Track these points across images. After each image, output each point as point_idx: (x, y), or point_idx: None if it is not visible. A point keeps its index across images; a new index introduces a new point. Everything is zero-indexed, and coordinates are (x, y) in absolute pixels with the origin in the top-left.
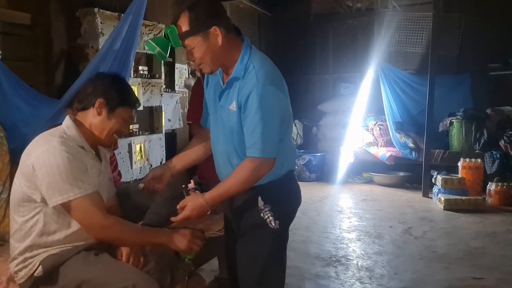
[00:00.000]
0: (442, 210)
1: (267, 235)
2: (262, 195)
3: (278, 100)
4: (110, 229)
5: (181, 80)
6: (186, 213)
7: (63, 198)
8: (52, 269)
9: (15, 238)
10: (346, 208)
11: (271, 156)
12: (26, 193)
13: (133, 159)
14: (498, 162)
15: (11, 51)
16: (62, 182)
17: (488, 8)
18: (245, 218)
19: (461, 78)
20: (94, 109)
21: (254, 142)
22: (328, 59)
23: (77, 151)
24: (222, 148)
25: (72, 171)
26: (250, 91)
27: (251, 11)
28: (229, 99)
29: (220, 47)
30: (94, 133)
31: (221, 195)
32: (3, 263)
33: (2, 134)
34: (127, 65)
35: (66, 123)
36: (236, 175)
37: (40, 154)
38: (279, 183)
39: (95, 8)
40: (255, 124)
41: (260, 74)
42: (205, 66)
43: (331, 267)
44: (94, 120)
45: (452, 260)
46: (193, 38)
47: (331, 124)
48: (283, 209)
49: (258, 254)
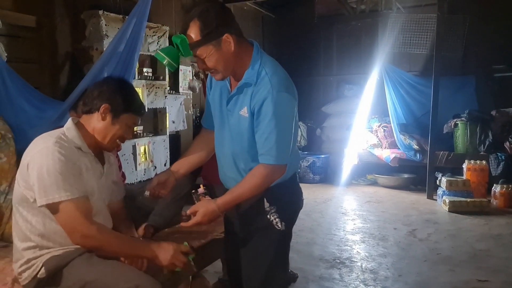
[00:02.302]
0: (447, 212)
1: (273, 237)
2: (268, 197)
3: (292, 107)
4: (91, 238)
5: (185, 82)
6: (198, 219)
7: (48, 199)
8: (55, 270)
9: (18, 239)
10: (350, 210)
11: (284, 163)
12: (23, 192)
13: (138, 160)
14: (503, 164)
15: (16, 53)
16: (50, 184)
17: (493, 10)
18: (252, 220)
19: (465, 79)
20: (99, 114)
21: (269, 150)
22: (332, 61)
23: (72, 153)
24: (228, 151)
25: (62, 173)
26: (265, 97)
27: (255, 13)
28: (239, 104)
29: (232, 54)
30: (96, 137)
31: (233, 200)
32: (8, 264)
33: (10, 135)
34: (131, 67)
35: (67, 124)
36: (249, 181)
37: (34, 154)
38: (284, 185)
39: (99, 11)
40: (269, 131)
41: (274, 80)
42: (217, 73)
43: (335, 269)
44: (98, 125)
45: (457, 262)
46: (205, 47)
47: (335, 125)
48: (288, 210)
49: (264, 255)
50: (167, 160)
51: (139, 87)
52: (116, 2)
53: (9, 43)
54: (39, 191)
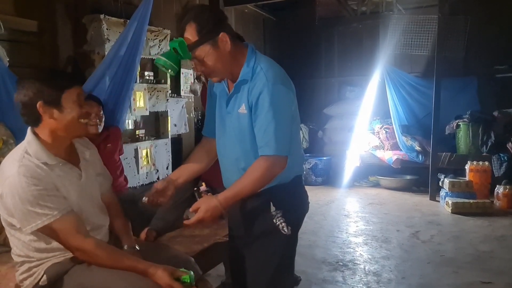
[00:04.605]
0: (450, 213)
1: (279, 241)
2: (273, 201)
3: (288, 99)
4: (86, 253)
5: (187, 85)
6: (200, 215)
7: (32, 227)
8: (56, 277)
9: (15, 253)
10: (353, 212)
11: (284, 154)
12: (7, 220)
13: (140, 164)
14: (506, 165)
15: (18, 58)
16: (28, 212)
17: (494, 10)
18: (257, 224)
19: (467, 80)
20: (44, 117)
21: (268, 141)
22: (334, 63)
23: (39, 172)
24: (230, 154)
25: (36, 198)
26: (261, 90)
27: (256, 16)
28: (237, 103)
29: (228, 54)
30: (61, 136)
31: (235, 195)
32: (10, 270)
33: (12, 140)
34: (132, 71)
35: (27, 137)
36: (250, 174)
37: (5, 185)
38: (288, 188)
39: (101, 15)
40: (267, 123)
41: (269, 74)
42: (216, 74)
43: (338, 271)
44: (53, 126)
45: (461, 264)
46: (202, 47)
47: (337, 127)
48: (294, 214)
49: (269, 259)
50: (169, 164)
51: (141, 90)
52: (117, 6)
53: (11, 48)
54: (21, 220)
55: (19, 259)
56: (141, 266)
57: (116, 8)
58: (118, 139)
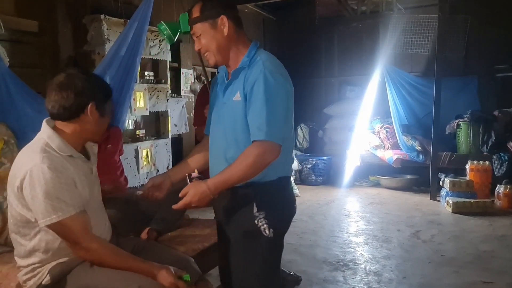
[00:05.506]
0: (450, 213)
1: (261, 244)
2: (256, 201)
3: (283, 88)
4: (92, 253)
5: (187, 85)
6: (188, 199)
7: (46, 221)
8: (59, 277)
9: (19, 255)
10: (353, 211)
11: (276, 140)
12: (21, 213)
13: (140, 164)
14: (506, 164)
15: (19, 58)
16: (45, 205)
17: (494, 9)
18: (239, 223)
19: (467, 80)
20: (86, 115)
21: (259, 125)
22: (334, 62)
23: (62, 164)
24: (220, 142)
25: (56, 191)
26: (256, 78)
27: (256, 15)
28: (233, 90)
29: (226, 38)
30: (85, 136)
31: (224, 181)
32: (12, 270)
33: (13, 140)
34: (133, 71)
35: (47, 132)
36: (241, 160)
37: (24, 175)
38: (273, 188)
39: (101, 15)
40: (260, 108)
41: (267, 63)
42: (210, 55)
43: (339, 271)
44: (87, 125)
45: (461, 264)
46: (201, 24)
47: (337, 127)
48: (278, 217)
49: (252, 263)
50: (169, 163)
51: (141, 90)
52: (117, 6)
53: (12, 48)
54: (37, 213)
55: (23, 262)
56: (145, 267)
57: (116, 8)
58: (118, 140)
